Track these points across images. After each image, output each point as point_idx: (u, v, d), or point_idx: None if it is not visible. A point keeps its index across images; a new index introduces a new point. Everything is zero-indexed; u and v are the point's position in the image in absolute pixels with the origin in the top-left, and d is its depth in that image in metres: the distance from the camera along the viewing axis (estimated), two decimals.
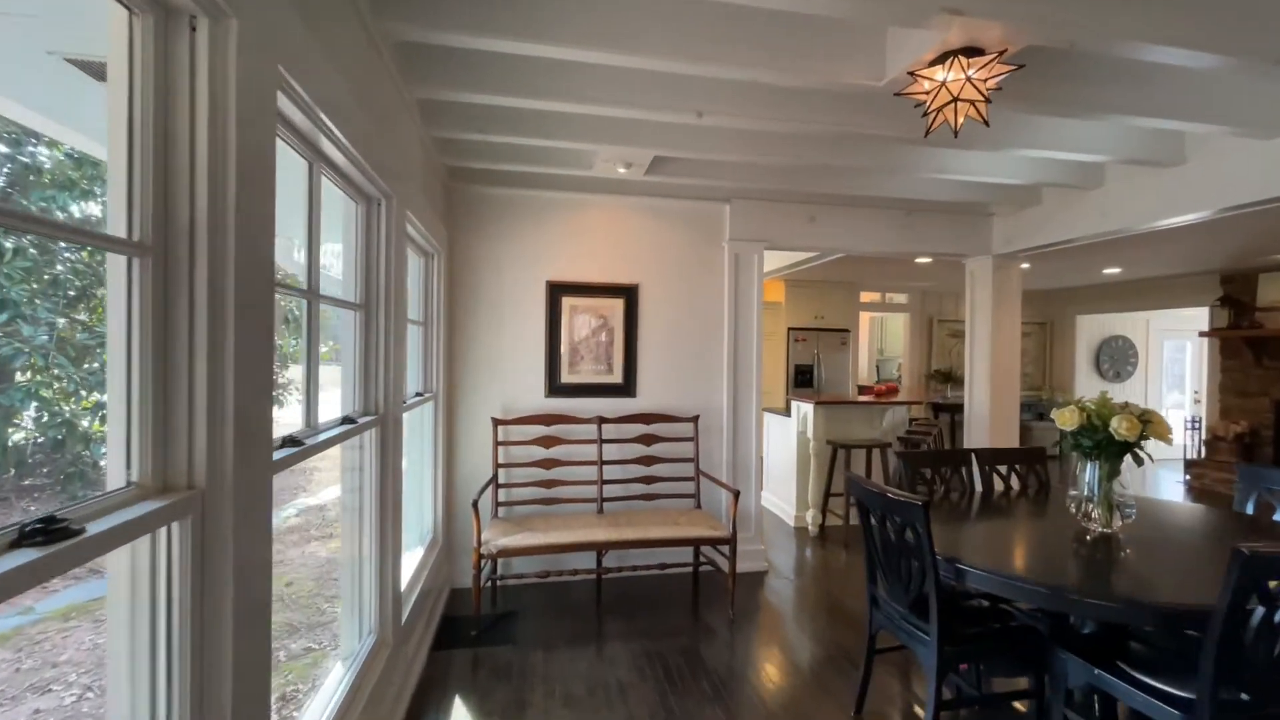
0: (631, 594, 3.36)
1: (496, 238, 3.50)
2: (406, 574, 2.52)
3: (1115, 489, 2.10)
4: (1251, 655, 1.48)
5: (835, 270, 6.66)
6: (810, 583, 3.61)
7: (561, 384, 3.56)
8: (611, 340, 3.64)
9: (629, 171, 3.08)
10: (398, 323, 2.12)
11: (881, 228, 4.04)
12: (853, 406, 4.77)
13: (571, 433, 3.53)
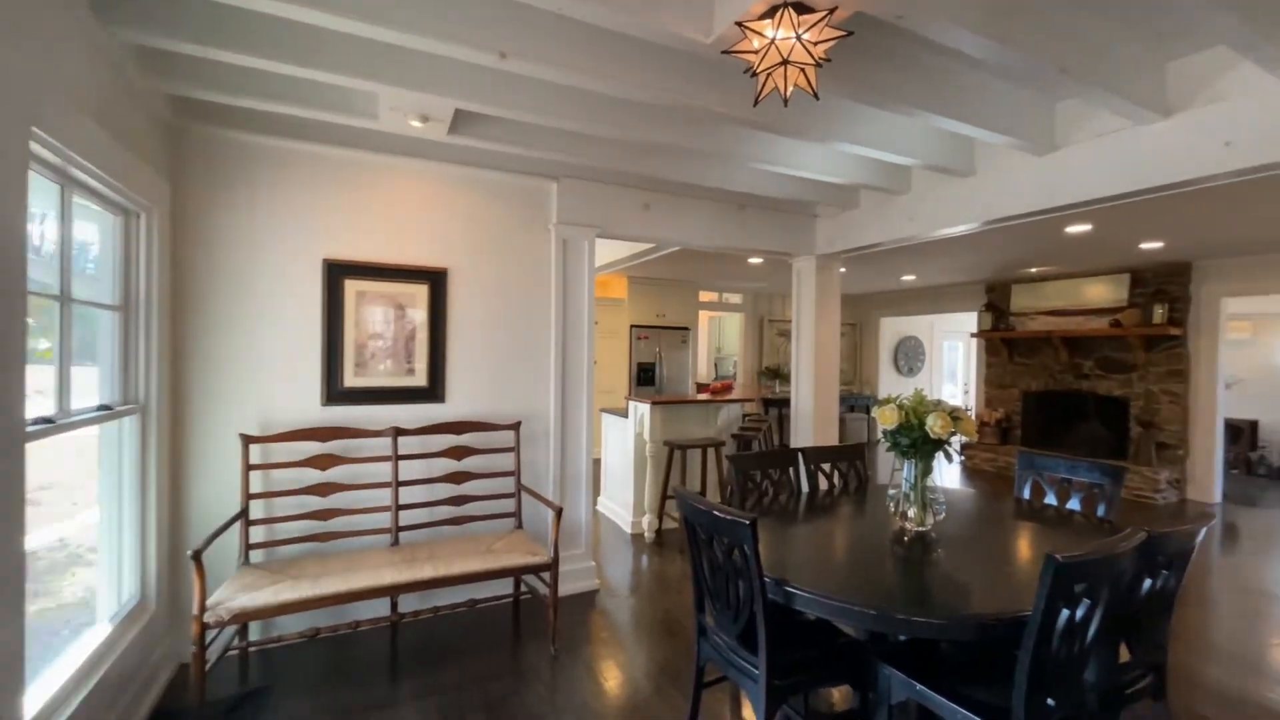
0: (436, 638, 2.80)
1: (250, 200, 2.69)
2: (68, 666, 1.73)
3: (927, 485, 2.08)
4: (1057, 659, 1.44)
5: (675, 268, 6.62)
6: (645, 598, 3.36)
7: (345, 389, 2.86)
8: (413, 335, 3.03)
9: (427, 128, 2.52)
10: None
11: (716, 221, 3.93)
12: (689, 405, 4.66)
13: (359, 449, 2.86)
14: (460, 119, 2.56)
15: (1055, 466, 2.54)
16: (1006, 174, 2.94)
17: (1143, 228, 4.46)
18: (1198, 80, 2.24)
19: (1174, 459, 5.90)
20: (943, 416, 1.91)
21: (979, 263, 6.23)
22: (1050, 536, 2.09)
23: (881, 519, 2.28)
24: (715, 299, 8.78)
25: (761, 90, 1.72)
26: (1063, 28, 1.96)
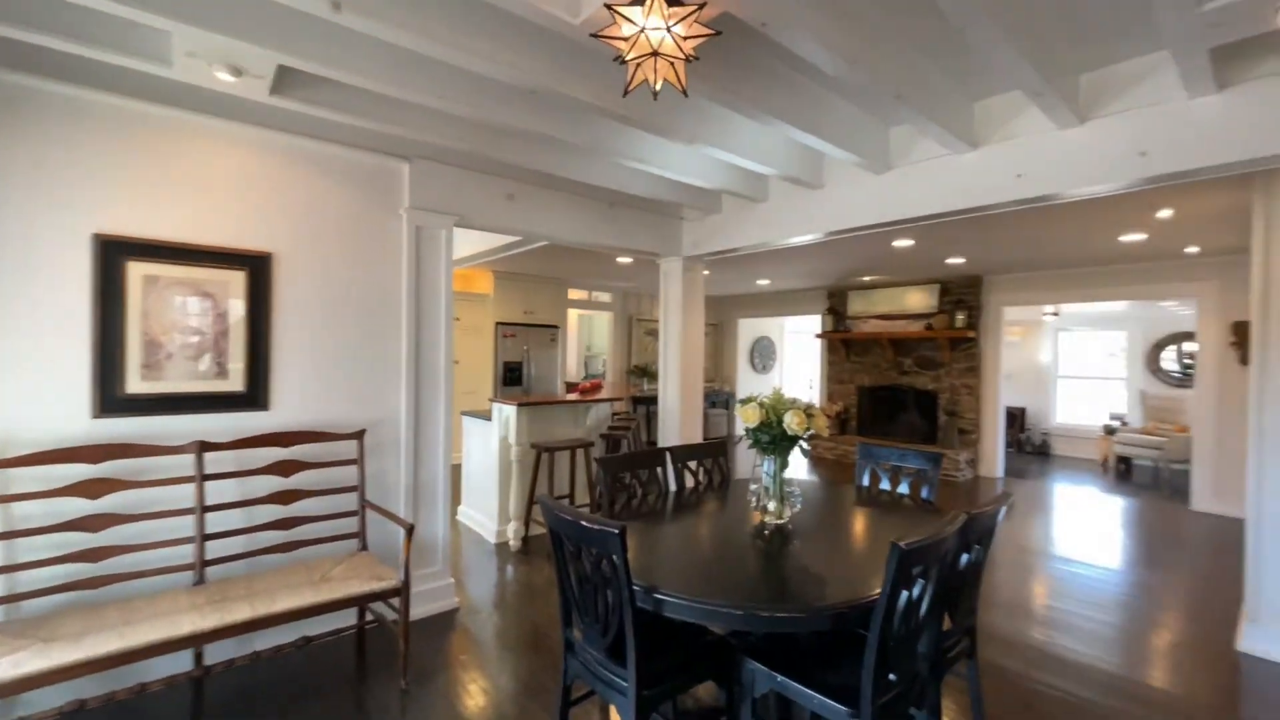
0: (258, 688, 2.38)
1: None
2: None
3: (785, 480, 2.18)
4: (898, 636, 1.56)
5: (543, 263, 6.43)
6: (510, 612, 3.17)
7: (128, 397, 2.32)
8: (227, 331, 2.55)
9: (242, 84, 2.11)
10: None
11: (585, 217, 3.85)
12: (557, 406, 4.53)
13: (149, 470, 2.33)
14: (287, 78, 2.18)
15: (888, 455, 2.82)
16: (849, 189, 3.21)
17: (950, 245, 5.19)
18: (998, 119, 2.61)
19: (970, 442, 6.98)
20: (799, 414, 2.01)
21: (823, 270, 6.85)
22: (888, 521, 2.30)
23: (743, 514, 2.35)
24: (585, 297, 8.72)
25: (631, 80, 1.66)
26: (899, 59, 2.15)
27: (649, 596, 1.60)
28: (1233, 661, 2.74)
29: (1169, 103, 2.18)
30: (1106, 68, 2.30)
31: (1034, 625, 3.11)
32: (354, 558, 2.59)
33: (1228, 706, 2.39)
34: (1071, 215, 3.99)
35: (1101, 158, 2.34)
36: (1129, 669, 2.68)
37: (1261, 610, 2.78)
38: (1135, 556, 4.26)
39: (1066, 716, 2.31)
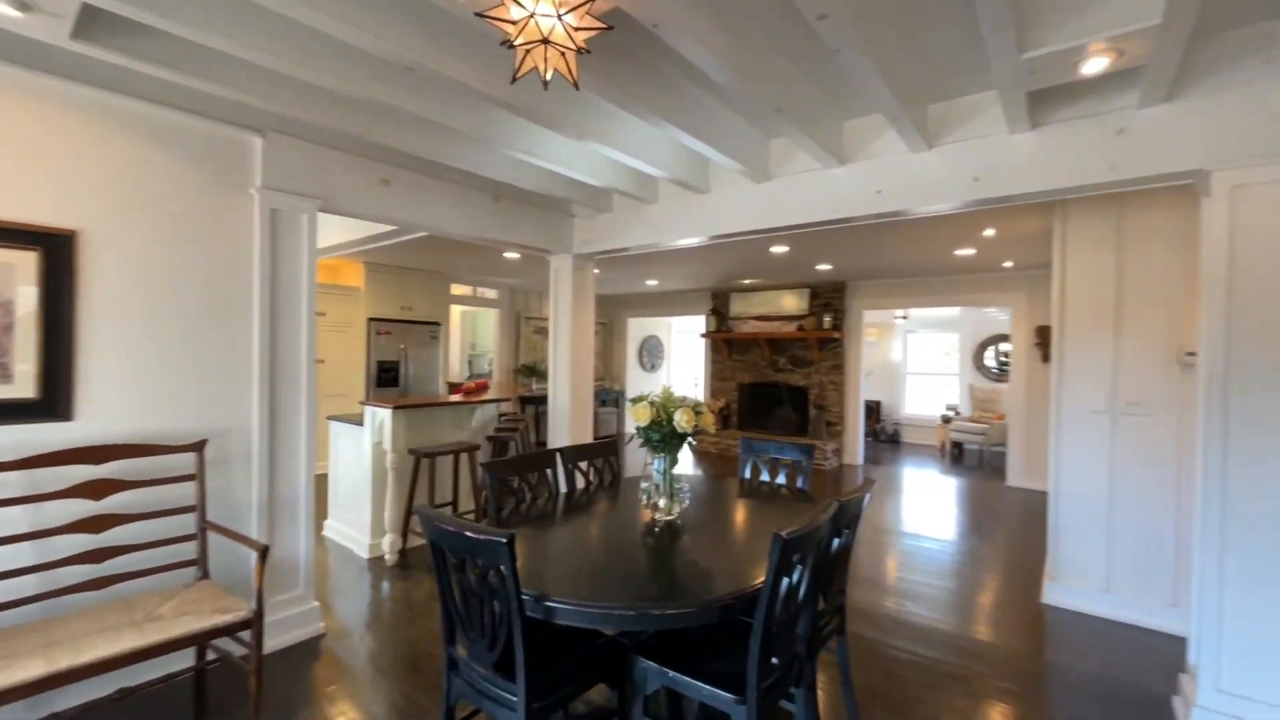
0: None
1: None
2: None
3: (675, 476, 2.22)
4: (779, 621, 1.64)
5: (423, 256, 6.04)
6: (385, 633, 2.92)
7: None
8: (12, 324, 2.08)
9: (34, 22, 1.72)
10: None
11: (469, 209, 3.66)
12: (439, 408, 4.27)
13: None
14: (96, 20, 1.82)
15: (768, 449, 2.99)
16: (733, 196, 3.36)
17: (820, 252, 5.64)
18: (862, 139, 2.86)
19: (836, 433, 7.65)
20: (688, 411, 2.05)
21: (708, 272, 7.14)
22: (769, 511, 2.42)
23: (634, 512, 2.36)
24: (470, 293, 8.33)
25: (519, 67, 1.58)
26: (781, 75, 2.27)
27: (540, 605, 1.54)
28: (1038, 612, 3.25)
29: (996, 136, 2.52)
30: (950, 101, 2.61)
31: (888, 596, 3.46)
32: (191, 589, 2.23)
33: (1035, 650, 2.83)
34: (919, 230, 4.51)
35: (944, 180, 2.65)
36: (961, 627, 3.07)
37: (1060, 569, 3.33)
38: (965, 528, 4.91)
39: (918, 675, 2.59)
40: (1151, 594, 3.06)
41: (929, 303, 7.12)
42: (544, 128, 2.49)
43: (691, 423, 2.06)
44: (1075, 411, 3.27)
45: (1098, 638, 2.96)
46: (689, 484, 2.79)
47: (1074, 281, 3.31)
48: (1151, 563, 3.06)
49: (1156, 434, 3.05)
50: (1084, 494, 3.24)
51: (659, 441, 2.14)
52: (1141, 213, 3.10)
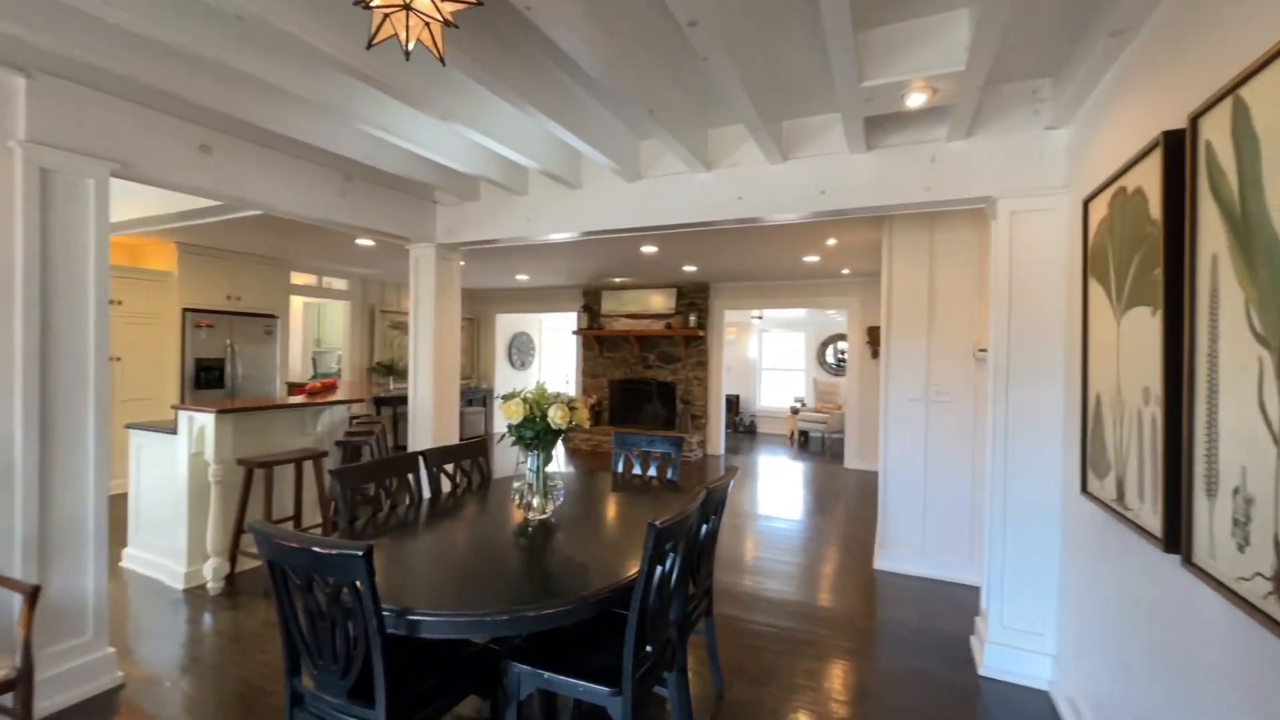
0: None
1: None
2: None
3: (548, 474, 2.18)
4: (653, 610, 1.68)
5: (255, 238, 5.29)
6: (209, 675, 2.51)
7: None
8: None
9: None
10: None
11: (314, 188, 3.27)
12: (275, 412, 3.77)
13: None
14: None
15: (640, 442, 3.05)
16: (605, 193, 3.37)
17: (686, 253, 5.89)
18: (726, 147, 3.02)
19: (701, 426, 8.07)
20: (562, 408, 2.02)
21: (580, 269, 7.12)
22: (642, 502, 2.48)
23: (506, 514, 2.28)
24: (314, 283, 7.47)
25: (376, 31, 1.43)
26: (652, 76, 2.32)
27: (402, 620, 1.42)
28: (871, 577, 3.70)
29: (839, 154, 2.81)
30: (802, 119, 2.85)
31: (747, 575, 3.72)
32: None
33: (869, 611, 3.21)
34: (773, 236, 4.90)
35: (796, 191, 2.90)
36: (809, 596, 3.40)
37: (888, 538, 3.82)
38: (810, 508, 5.45)
39: (775, 645, 2.81)
40: (956, 553, 3.62)
41: (780, 304, 7.78)
42: (403, 103, 2.29)
43: (566, 419, 2.04)
44: (898, 400, 3.77)
45: (917, 594, 3.44)
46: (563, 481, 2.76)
47: (898, 288, 3.81)
48: (955, 526, 3.63)
49: (958, 418, 3.62)
50: (905, 471, 3.74)
51: (532, 439, 2.08)
52: (948, 231, 3.66)
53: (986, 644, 2.56)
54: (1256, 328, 1.05)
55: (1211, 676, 1.26)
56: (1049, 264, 2.44)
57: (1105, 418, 1.79)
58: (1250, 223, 1.07)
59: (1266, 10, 1.11)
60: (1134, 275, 1.58)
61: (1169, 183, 1.36)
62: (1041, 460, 2.46)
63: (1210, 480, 1.20)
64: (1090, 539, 2.05)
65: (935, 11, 1.98)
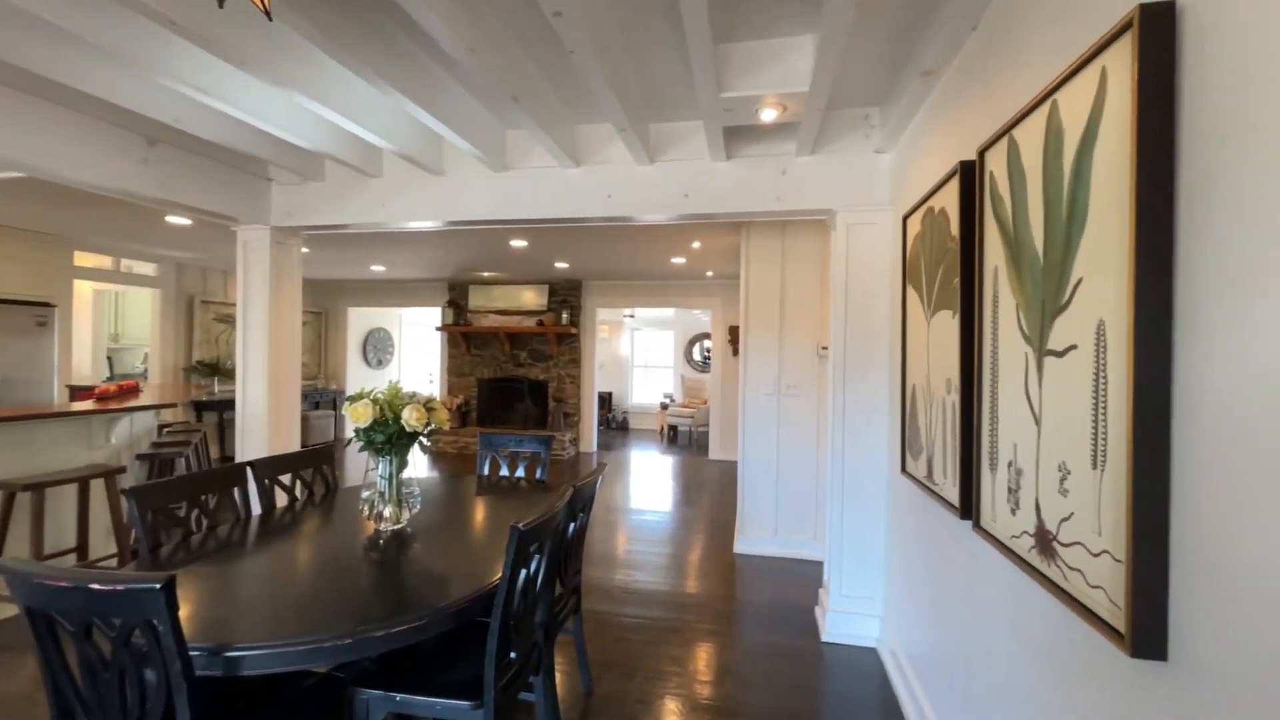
0: None
1: None
2: None
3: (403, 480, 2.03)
4: (518, 614, 1.63)
5: (17, 206, 4.28)
6: None
7: None
8: None
9: None
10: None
11: (105, 151, 2.72)
12: (46, 422, 3.08)
13: None
14: None
15: (506, 442, 2.95)
16: (470, 182, 3.21)
17: (557, 249, 5.83)
18: (596, 144, 3.02)
19: (573, 424, 8.04)
20: (418, 409, 1.88)
21: (444, 261, 6.73)
22: (509, 504, 2.39)
23: (355, 526, 2.07)
24: (108, 265, 6.23)
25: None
26: (518, 64, 2.24)
27: (218, 658, 1.22)
28: (731, 562, 3.94)
29: (702, 160, 2.94)
30: (669, 123, 2.94)
31: (619, 569, 3.78)
32: None
33: (730, 593, 3.42)
34: (642, 236, 5.01)
35: (662, 192, 2.99)
36: (675, 585, 3.54)
37: (746, 523, 4.09)
38: (678, 499, 5.68)
39: (643, 635, 2.88)
40: (804, 532, 3.98)
41: (650, 304, 8.01)
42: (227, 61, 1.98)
43: (422, 420, 1.90)
44: (755, 394, 4.06)
45: (771, 574, 3.73)
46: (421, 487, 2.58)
47: (754, 290, 4.09)
48: (803, 508, 3.99)
49: (805, 410, 3.98)
50: (761, 460, 4.04)
51: (384, 444, 1.91)
52: (798, 238, 4.00)
53: (829, 613, 2.84)
54: (1023, 328, 1.27)
55: (990, 615, 1.51)
56: (878, 272, 2.77)
57: (919, 406, 2.07)
58: (1019, 241, 1.29)
59: (1033, 65, 1.34)
60: (940, 283, 1.84)
61: (964, 206, 1.60)
62: (872, 445, 2.78)
63: (992, 456, 1.43)
64: (908, 512, 2.36)
65: (787, 34, 2.14)
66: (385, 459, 1.97)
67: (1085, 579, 1.03)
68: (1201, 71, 0.83)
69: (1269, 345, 0.71)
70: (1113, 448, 0.95)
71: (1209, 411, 0.80)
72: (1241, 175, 0.75)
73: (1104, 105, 0.99)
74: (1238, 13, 0.77)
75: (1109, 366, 0.97)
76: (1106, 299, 0.97)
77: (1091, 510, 1.01)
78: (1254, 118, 0.74)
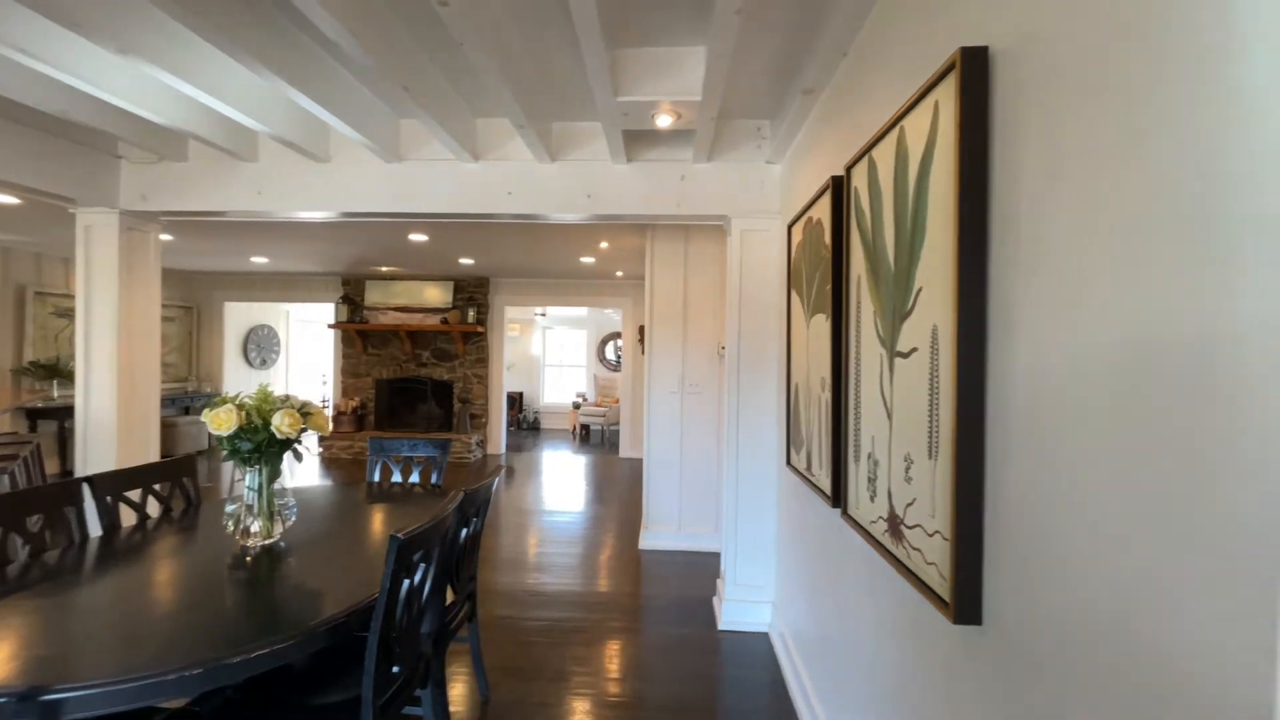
0: None
1: None
2: None
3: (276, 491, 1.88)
4: (401, 627, 1.56)
5: None
6: None
7: None
8: None
9: None
10: None
11: None
12: None
13: None
14: None
15: (399, 447, 2.82)
16: (361, 171, 3.03)
17: (460, 245, 5.63)
18: (495, 139, 2.95)
19: (480, 425, 7.81)
20: (291, 414, 1.75)
21: (336, 254, 6.29)
22: (401, 512, 2.28)
23: (219, 543, 1.89)
24: None
25: None
26: (408, 51, 2.14)
27: (31, 703, 1.07)
28: (637, 558, 4.00)
29: (604, 162, 2.96)
30: (571, 122, 2.93)
31: (529, 572, 3.73)
32: None
33: (635, 590, 3.48)
34: (549, 235, 4.96)
35: (565, 192, 2.98)
36: (583, 584, 3.54)
37: (651, 519, 4.17)
38: (590, 497, 5.69)
39: (547, 638, 2.86)
40: (706, 525, 4.13)
41: (562, 302, 7.95)
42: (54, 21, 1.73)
43: (296, 426, 1.77)
44: (660, 393, 4.14)
45: (675, 567, 3.83)
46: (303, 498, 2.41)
47: (658, 291, 4.18)
48: (704, 502, 4.13)
49: (706, 407, 4.13)
50: (665, 456, 4.13)
51: (252, 452, 1.76)
52: (700, 243, 4.13)
53: (725, 602, 2.97)
54: (879, 331, 1.40)
55: (856, 595, 1.65)
56: (769, 277, 2.92)
57: (801, 403, 2.21)
58: (876, 251, 1.42)
59: (889, 91, 1.48)
60: (816, 289, 1.98)
61: (834, 217, 1.73)
62: (764, 440, 2.94)
63: (856, 449, 1.56)
64: (793, 502, 2.51)
65: (682, 44, 2.21)
66: (253, 469, 1.81)
67: (924, 557, 1.15)
68: (1005, 109, 0.95)
69: (1051, 355, 0.83)
70: (943, 439, 1.07)
71: (1012, 408, 0.92)
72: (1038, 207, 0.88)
73: (937, 134, 1.11)
74: (1033, 60, 0.89)
75: (940, 367, 1.09)
76: (939, 306, 1.09)
77: (928, 495, 1.13)
78: (1045, 152, 0.86)
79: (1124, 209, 0.70)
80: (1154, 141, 0.65)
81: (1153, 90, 0.66)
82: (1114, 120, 0.72)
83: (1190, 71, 0.61)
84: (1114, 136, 0.72)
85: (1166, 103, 0.64)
